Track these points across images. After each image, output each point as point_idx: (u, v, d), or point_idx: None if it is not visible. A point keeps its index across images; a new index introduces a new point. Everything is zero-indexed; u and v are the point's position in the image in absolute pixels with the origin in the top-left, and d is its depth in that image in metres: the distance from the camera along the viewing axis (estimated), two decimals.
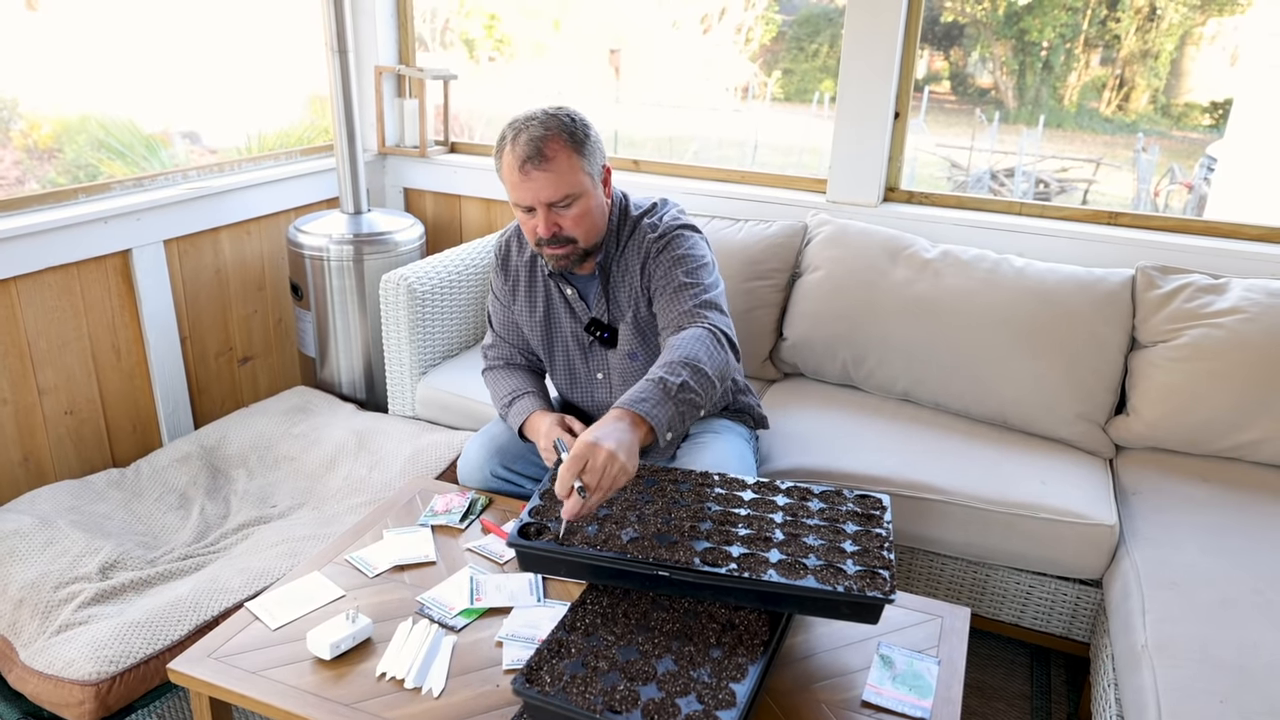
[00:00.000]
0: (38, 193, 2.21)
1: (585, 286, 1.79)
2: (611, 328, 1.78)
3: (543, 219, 1.60)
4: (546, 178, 1.57)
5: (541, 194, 1.58)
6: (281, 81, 3.10)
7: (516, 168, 1.57)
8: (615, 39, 5.76)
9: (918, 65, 2.49)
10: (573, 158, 1.58)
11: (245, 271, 2.74)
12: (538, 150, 1.55)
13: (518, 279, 1.84)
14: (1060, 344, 2.10)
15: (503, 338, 1.92)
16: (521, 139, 1.57)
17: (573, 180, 1.59)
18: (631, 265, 1.73)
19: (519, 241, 1.85)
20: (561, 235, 1.62)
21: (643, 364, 1.78)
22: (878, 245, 2.32)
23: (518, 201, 1.62)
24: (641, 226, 1.73)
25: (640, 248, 1.71)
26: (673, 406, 1.40)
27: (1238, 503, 1.87)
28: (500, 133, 1.63)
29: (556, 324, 1.83)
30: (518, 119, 1.61)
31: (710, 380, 1.47)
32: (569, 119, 1.60)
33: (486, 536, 1.65)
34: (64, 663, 1.50)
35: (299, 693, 1.26)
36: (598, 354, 1.83)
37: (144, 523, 2.00)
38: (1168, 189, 6.70)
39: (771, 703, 1.27)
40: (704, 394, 1.45)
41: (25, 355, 2.17)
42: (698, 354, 1.47)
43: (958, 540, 1.91)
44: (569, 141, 1.58)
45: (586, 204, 1.62)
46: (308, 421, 2.38)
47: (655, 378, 1.42)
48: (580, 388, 1.89)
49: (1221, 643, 1.46)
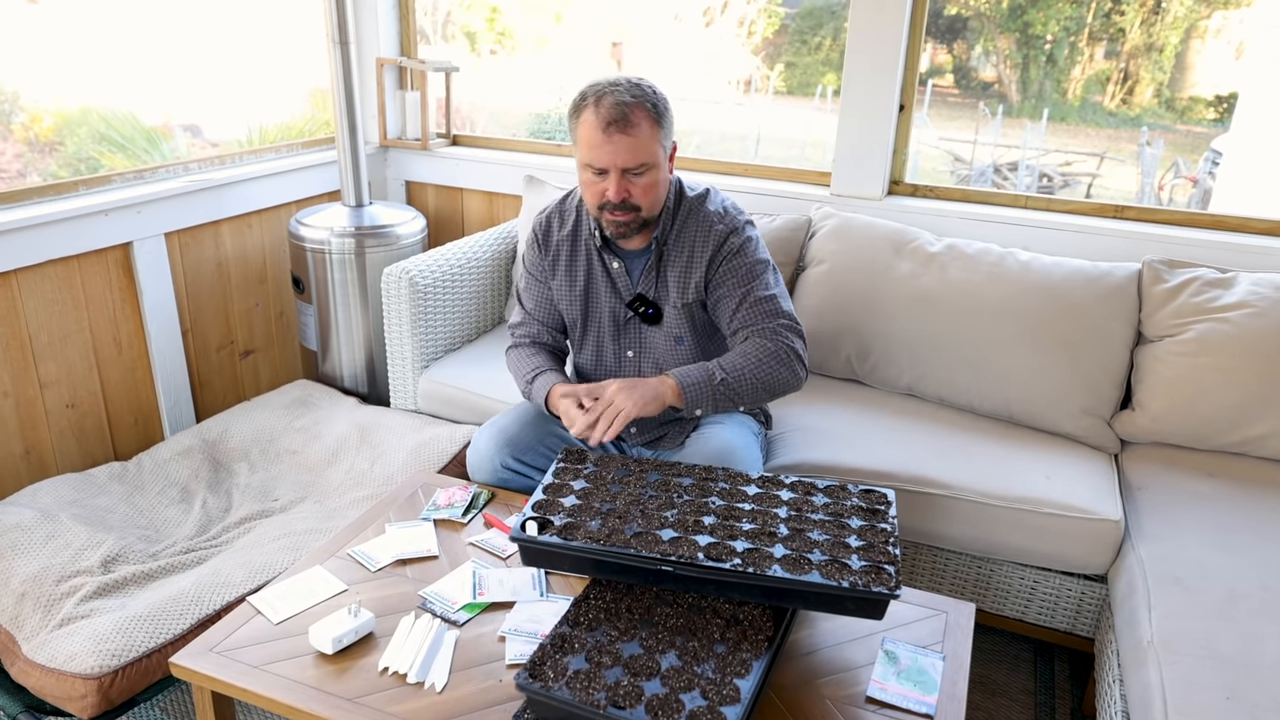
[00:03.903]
0: (38, 185, 2.20)
1: (632, 261, 1.80)
2: (656, 305, 1.79)
3: (615, 183, 1.63)
4: (628, 143, 1.60)
5: (619, 158, 1.61)
6: (282, 74, 3.09)
7: (600, 129, 1.59)
8: (617, 32, 5.74)
9: (921, 58, 2.47)
10: (654, 129, 1.63)
11: (246, 264, 2.74)
12: (623, 115, 1.59)
13: (559, 253, 1.85)
14: (1066, 338, 2.09)
15: (532, 315, 1.92)
16: (606, 102, 1.60)
17: (650, 150, 1.63)
18: (690, 248, 1.75)
19: (560, 217, 1.86)
20: (629, 201, 1.65)
21: (689, 349, 1.81)
22: (882, 239, 2.31)
23: (593, 162, 1.63)
24: (705, 213, 1.75)
25: (706, 236, 1.74)
26: (708, 392, 1.65)
27: (1244, 498, 1.86)
28: (579, 93, 1.65)
29: (595, 298, 1.84)
30: (599, 83, 1.64)
31: (762, 390, 1.69)
32: (652, 91, 1.64)
33: (489, 531, 1.64)
34: (66, 656, 1.50)
35: (301, 687, 1.26)
36: (631, 331, 1.84)
37: (146, 516, 2.00)
38: (1172, 183, 6.68)
39: (776, 698, 1.26)
40: (748, 397, 1.69)
41: (26, 348, 2.17)
42: (770, 370, 1.68)
43: (962, 535, 1.90)
44: (651, 112, 1.62)
45: (656, 175, 1.66)
46: (309, 415, 2.37)
47: (705, 367, 1.67)
48: (605, 365, 1.89)
49: (1227, 638, 1.46)
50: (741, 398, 1.67)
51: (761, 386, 1.68)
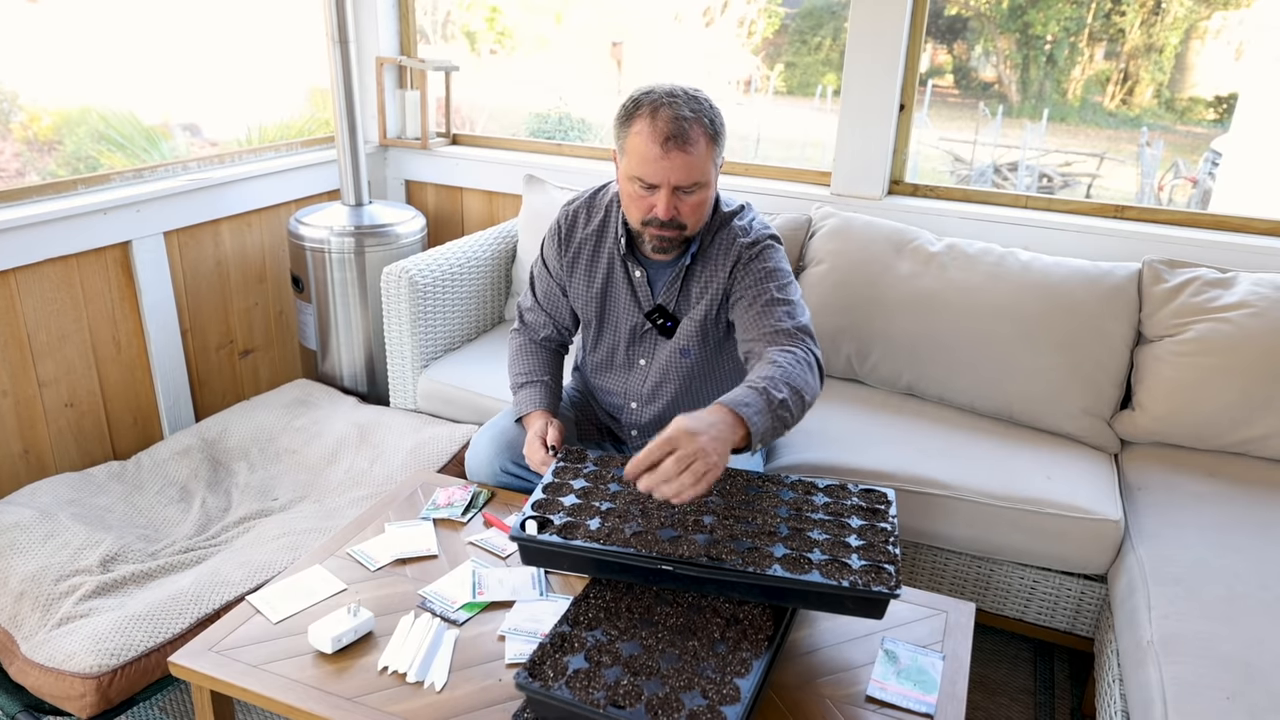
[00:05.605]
0: (37, 184, 2.20)
1: (656, 272, 1.75)
2: (675, 318, 1.75)
3: (665, 200, 1.56)
4: (685, 160, 1.52)
5: (674, 175, 1.53)
6: (282, 73, 3.08)
7: (657, 143, 1.51)
8: (617, 32, 5.73)
9: (921, 58, 2.47)
10: (710, 147, 1.55)
11: (246, 264, 2.73)
12: (682, 131, 1.51)
13: (580, 250, 1.79)
14: (1066, 338, 2.09)
15: (541, 305, 1.88)
16: (665, 114, 1.51)
17: (704, 169, 1.55)
18: (715, 263, 1.69)
19: (588, 213, 1.80)
20: (677, 220, 1.59)
21: (693, 362, 1.76)
22: (882, 238, 2.31)
23: (644, 176, 1.55)
24: (732, 228, 1.69)
25: (729, 249, 1.68)
26: (771, 418, 1.39)
27: (1244, 498, 1.86)
28: (632, 100, 1.56)
29: (612, 302, 1.79)
30: (655, 91, 1.54)
31: (805, 406, 1.49)
32: (710, 106, 1.57)
33: (489, 530, 1.64)
34: (65, 655, 1.49)
35: (300, 686, 1.25)
36: (648, 341, 1.79)
37: (145, 515, 1.99)
38: (1172, 183, 6.68)
39: (776, 698, 1.26)
40: (796, 416, 1.46)
41: (25, 347, 2.16)
42: (804, 379, 1.49)
43: (962, 535, 1.90)
44: (709, 128, 1.55)
45: (706, 194, 1.59)
46: (309, 414, 2.37)
47: (759, 387, 1.41)
48: (615, 372, 1.85)
49: (1228, 638, 1.45)
50: (794, 418, 1.47)
51: (804, 402, 1.50)
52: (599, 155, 2.98)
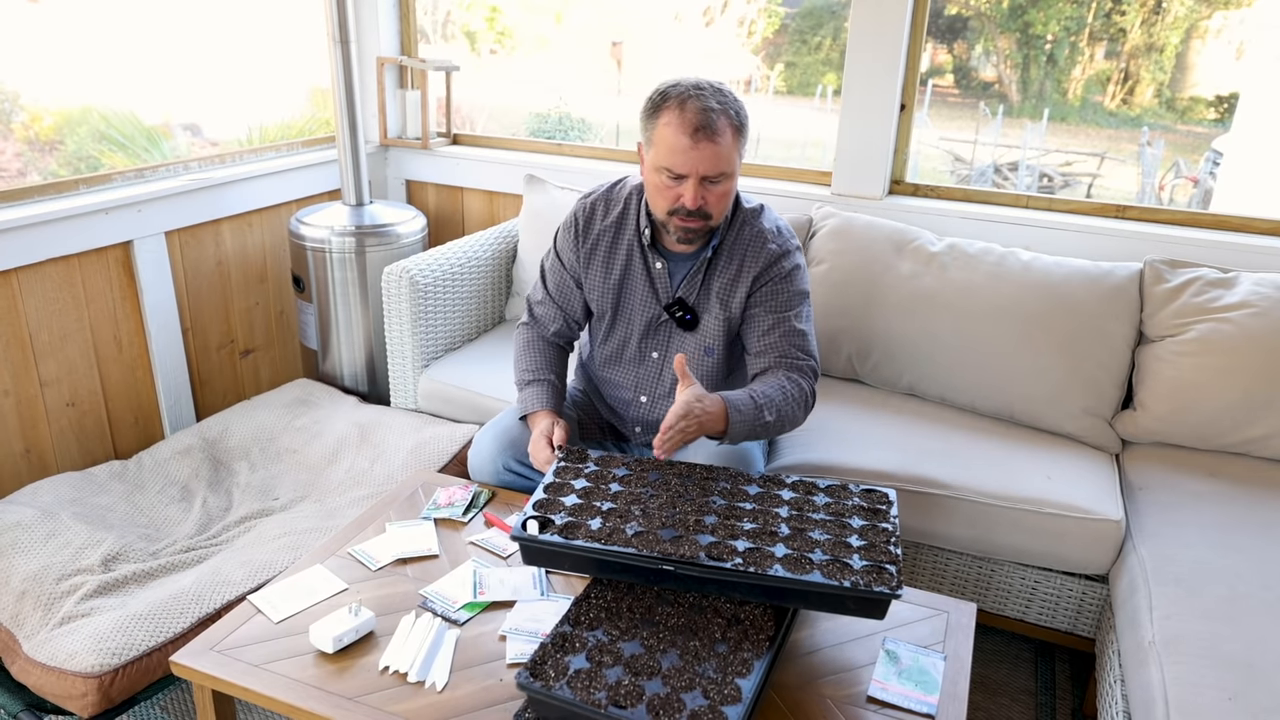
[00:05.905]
0: (39, 184, 2.20)
1: (676, 264, 1.76)
2: (694, 311, 1.77)
3: (693, 190, 1.59)
4: (714, 150, 1.56)
5: (702, 165, 1.57)
6: (283, 73, 3.09)
7: (686, 133, 1.55)
8: (617, 32, 5.74)
9: (922, 58, 2.47)
10: (736, 138, 1.60)
11: (247, 263, 2.73)
12: (709, 122, 1.55)
13: (598, 241, 1.80)
14: (1067, 338, 2.09)
15: (552, 298, 1.88)
16: (693, 105, 1.55)
17: (731, 160, 1.60)
18: (740, 261, 1.72)
19: (606, 205, 1.81)
20: (703, 209, 1.62)
21: (716, 361, 1.79)
22: (883, 238, 2.31)
23: (673, 167, 1.58)
24: (760, 229, 1.73)
25: (757, 252, 1.71)
26: (747, 432, 1.58)
27: (1246, 498, 1.86)
28: (658, 93, 1.60)
29: (628, 294, 1.80)
30: (683, 84, 1.58)
31: (779, 433, 1.69)
32: (736, 100, 1.61)
33: (490, 530, 1.64)
34: (66, 655, 1.50)
35: (301, 686, 1.26)
36: (662, 333, 1.80)
37: (146, 515, 1.99)
38: (1172, 183, 6.68)
39: (777, 698, 1.26)
40: (763, 438, 1.68)
41: (27, 347, 2.16)
42: (794, 415, 1.66)
43: (963, 535, 1.90)
44: (735, 120, 1.59)
45: (730, 185, 1.64)
46: (310, 414, 2.37)
47: (759, 403, 1.59)
48: (625, 364, 1.86)
49: (1229, 639, 1.45)
50: (769, 434, 1.66)
51: (780, 430, 1.67)
52: (599, 155, 2.98)
